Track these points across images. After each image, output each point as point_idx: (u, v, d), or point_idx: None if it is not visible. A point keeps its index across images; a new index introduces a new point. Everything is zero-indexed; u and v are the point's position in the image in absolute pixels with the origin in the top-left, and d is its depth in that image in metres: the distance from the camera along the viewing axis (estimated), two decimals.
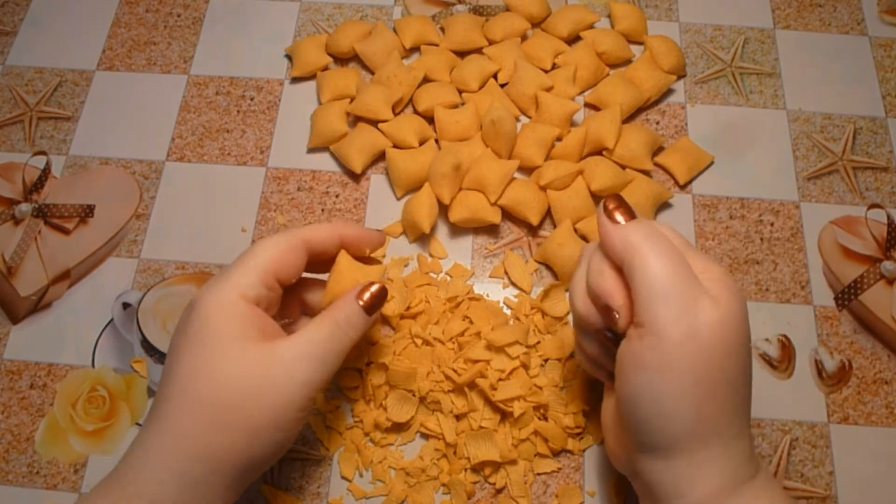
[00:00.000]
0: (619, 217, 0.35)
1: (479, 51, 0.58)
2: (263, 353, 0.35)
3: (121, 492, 0.34)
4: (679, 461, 0.33)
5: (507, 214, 0.52)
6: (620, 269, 0.35)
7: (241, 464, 0.35)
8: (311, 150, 0.55)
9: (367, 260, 0.43)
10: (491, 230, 0.52)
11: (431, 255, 0.51)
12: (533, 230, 0.52)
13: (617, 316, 0.35)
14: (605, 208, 0.36)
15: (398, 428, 0.45)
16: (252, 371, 0.35)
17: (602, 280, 0.36)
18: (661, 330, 0.32)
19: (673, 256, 0.34)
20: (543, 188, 0.51)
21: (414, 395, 0.45)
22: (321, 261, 0.41)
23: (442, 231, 0.52)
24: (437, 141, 0.54)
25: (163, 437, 0.34)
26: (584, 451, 0.45)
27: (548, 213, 0.52)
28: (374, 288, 0.39)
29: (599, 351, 0.39)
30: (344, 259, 0.41)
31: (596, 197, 0.52)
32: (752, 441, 0.35)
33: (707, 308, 0.33)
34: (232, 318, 0.35)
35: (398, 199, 0.53)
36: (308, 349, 0.36)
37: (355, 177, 0.54)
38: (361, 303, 0.39)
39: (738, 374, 0.34)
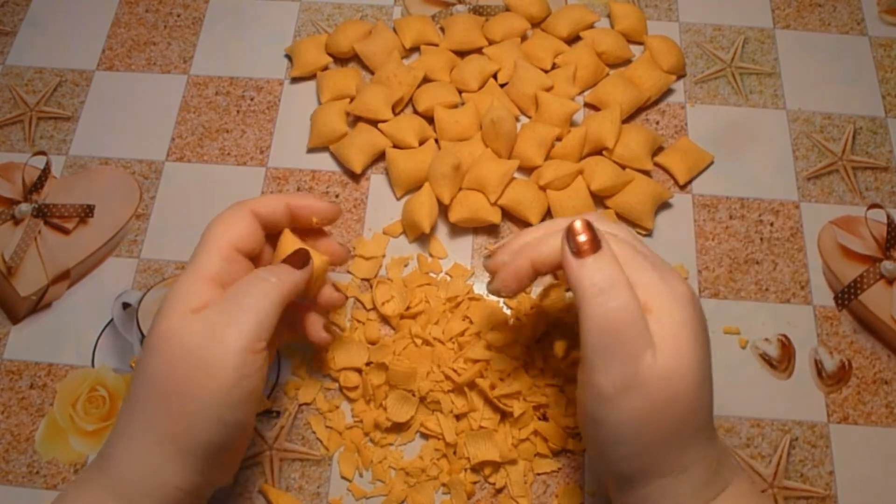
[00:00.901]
0: (582, 240, 0.34)
1: (479, 51, 0.58)
2: (188, 323, 0.35)
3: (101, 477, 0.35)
4: (635, 493, 0.35)
5: (507, 214, 0.52)
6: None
7: (199, 442, 0.35)
8: (311, 150, 0.55)
9: (317, 233, 0.43)
10: (491, 230, 0.52)
11: (431, 255, 0.51)
12: None
13: (487, 282, 0.38)
14: (571, 232, 0.34)
15: (398, 428, 0.45)
16: (177, 344, 0.35)
17: (527, 251, 0.37)
18: (598, 385, 0.33)
19: (622, 306, 0.32)
20: (543, 188, 0.51)
21: (414, 395, 0.45)
22: (276, 233, 0.41)
23: (442, 231, 0.52)
24: (436, 141, 0.54)
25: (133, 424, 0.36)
26: (584, 450, 0.45)
27: (547, 213, 0.52)
28: (298, 251, 0.40)
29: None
30: (287, 238, 0.41)
31: (596, 196, 0.52)
32: (715, 459, 0.35)
33: (647, 365, 0.32)
34: (178, 296, 0.36)
35: (398, 198, 0.53)
36: (225, 304, 0.36)
37: (355, 177, 0.54)
38: (286, 261, 0.39)
39: (687, 414, 0.33)
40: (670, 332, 0.33)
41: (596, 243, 0.34)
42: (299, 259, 0.39)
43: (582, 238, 0.34)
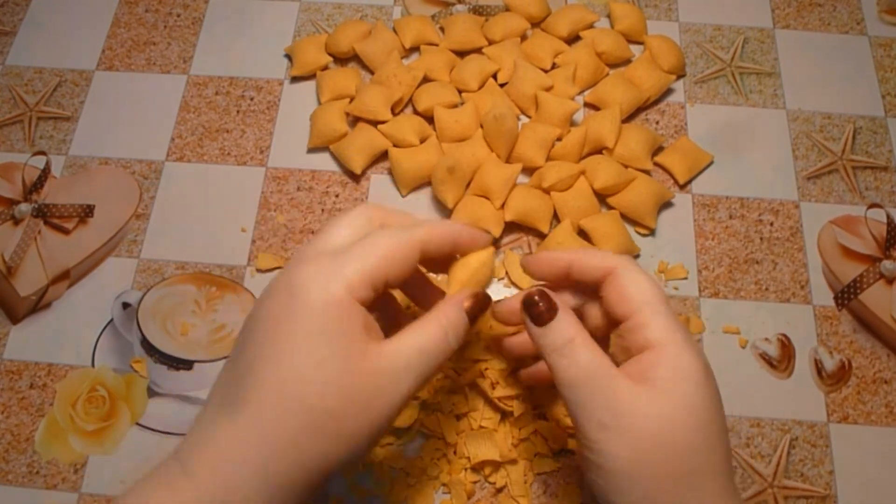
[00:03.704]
0: (540, 308, 0.35)
1: (478, 51, 0.58)
2: (371, 360, 0.32)
3: (189, 487, 0.30)
4: None
5: (516, 223, 0.52)
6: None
7: (329, 470, 0.32)
8: (311, 150, 0.55)
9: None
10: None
11: None
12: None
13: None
14: (527, 303, 0.35)
15: (398, 430, 0.45)
16: (359, 379, 0.32)
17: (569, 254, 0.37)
18: (583, 432, 0.33)
19: (584, 360, 0.33)
20: (547, 191, 0.51)
21: (416, 399, 0.45)
22: (428, 261, 0.37)
23: None
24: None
25: (247, 433, 0.31)
26: None
27: (554, 216, 0.52)
28: (480, 294, 0.36)
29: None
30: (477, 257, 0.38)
31: (599, 195, 0.52)
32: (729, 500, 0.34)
33: (628, 403, 0.32)
34: (340, 316, 0.32)
35: (403, 196, 0.53)
36: (416, 361, 0.33)
37: (355, 177, 0.54)
38: (466, 309, 0.36)
39: (687, 459, 0.32)
40: (673, 373, 0.33)
41: (553, 310, 0.35)
42: (483, 309, 0.36)
43: (540, 307, 0.35)
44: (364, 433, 0.32)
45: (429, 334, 0.34)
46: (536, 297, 0.35)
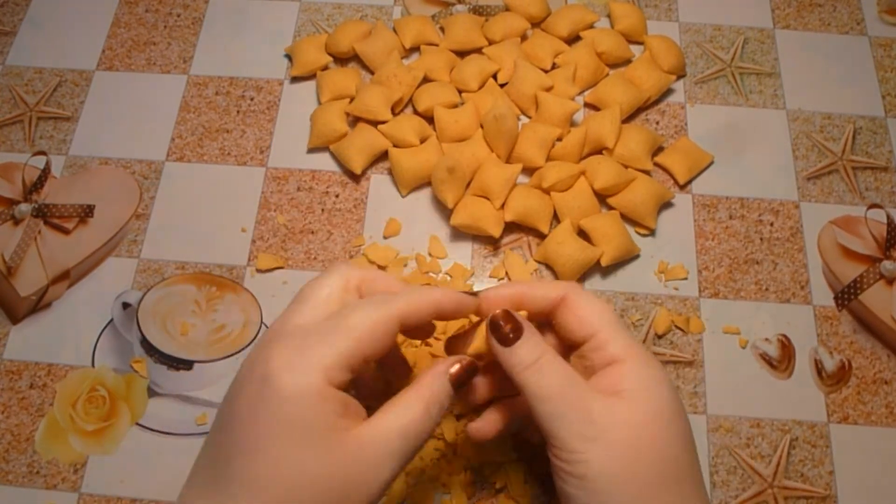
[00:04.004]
0: (506, 330, 0.35)
1: (478, 51, 0.58)
2: (350, 450, 0.31)
3: None
4: None
5: (516, 223, 0.52)
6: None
7: None
8: (311, 150, 0.55)
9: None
10: (490, 238, 0.52)
11: (431, 255, 0.51)
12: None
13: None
14: (493, 327, 0.35)
15: None
16: (339, 471, 0.31)
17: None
18: (563, 444, 0.33)
19: (555, 373, 0.34)
20: (547, 191, 0.51)
21: None
22: (410, 330, 0.36)
23: (442, 231, 0.52)
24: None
25: None
26: None
27: (554, 217, 0.52)
28: (465, 362, 0.36)
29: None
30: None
31: (599, 196, 0.52)
32: None
33: (605, 412, 0.33)
34: (318, 407, 0.31)
35: (403, 196, 0.53)
36: (397, 444, 0.32)
37: (355, 177, 0.54)
38: (452, 380, 0.35)
39: (667, 464, 0.33)
40: (640, 383, 0.34)
41: (518, 330, 0.35)
42: (469, 378, 0.36)
43: (506, 328, 0.35)
44: None
45: (411, 412, 0.33)
46: (501, 321, 0.35)
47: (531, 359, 0.34)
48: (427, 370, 0.35)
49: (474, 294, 0.37)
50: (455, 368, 0.35)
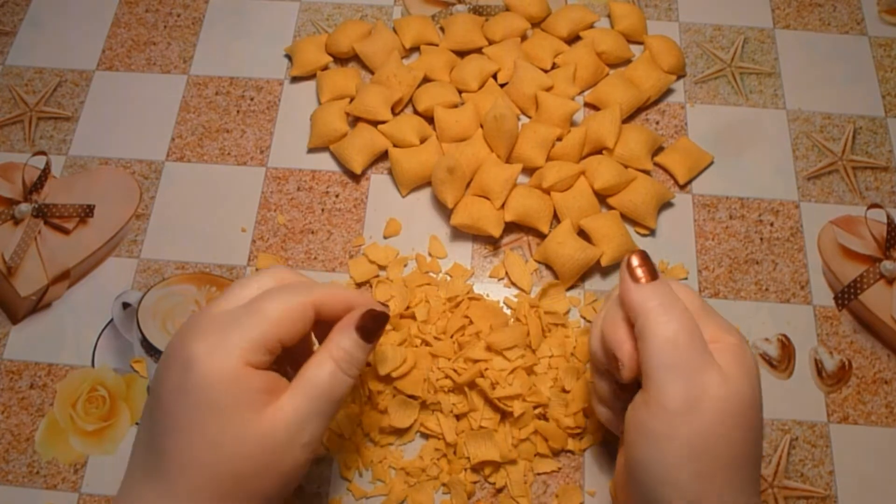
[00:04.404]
0: (640, 274, 0.36)
1: (478, 51, 0.58)
2: (266, 423, 0.33)
3: None
4: None
5: (517, 223, 0.52)
6: (633, 324, 0.36)
7: None
8: (311, 150, 0.55)
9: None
10: (491, 238, 0.52)
11: (431, 255, 0.51)
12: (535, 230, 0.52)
13: (622, 367, 0.36)
14: (629, 264, 0.36)
15: (399, 430, 0.45)
16: (256, 444, 0.33)
17: (614, 329, 0.37)
18: (664, 399, 0.33)
19: (686, 325, 0.34)
20: (547, 191, 0.51)
21: (416, 399, 0.45)
22: (325, 323, 0.37)
23: (442, 231, 0.52)
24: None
25: (170, 502, 0.33)
26: (584, 450, 0.45)
27: (553, 216, 0.52)
28: (370, 311, 0.36)
29: (610, 394, 0.40)
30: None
31: (599, 195, 0.52)
32: None
33: (714, 383, 0.33)
34: (232, 387, 0.33)
35: (403, 196, 0.53)
36: (309, 408, 0.34)
37: (355, 177, 0.54)
38: (357, 330, 0.35)
39: (744, 450, 0.34)
40: (736, 360, 0.34)
41: (654, 273, 0.36)
42: (379, 326, 0.36)
43: (641, 269, 0.36)
44: (275, 489, 0.34)
45: (321, 374, 0.34)
46: (638, 260, 0.37)
47: (666, 304, 0.35)
48: (335, 327, 0.36)
49: (386, 305, 0.38)
50: (359, 320, 0.35)
